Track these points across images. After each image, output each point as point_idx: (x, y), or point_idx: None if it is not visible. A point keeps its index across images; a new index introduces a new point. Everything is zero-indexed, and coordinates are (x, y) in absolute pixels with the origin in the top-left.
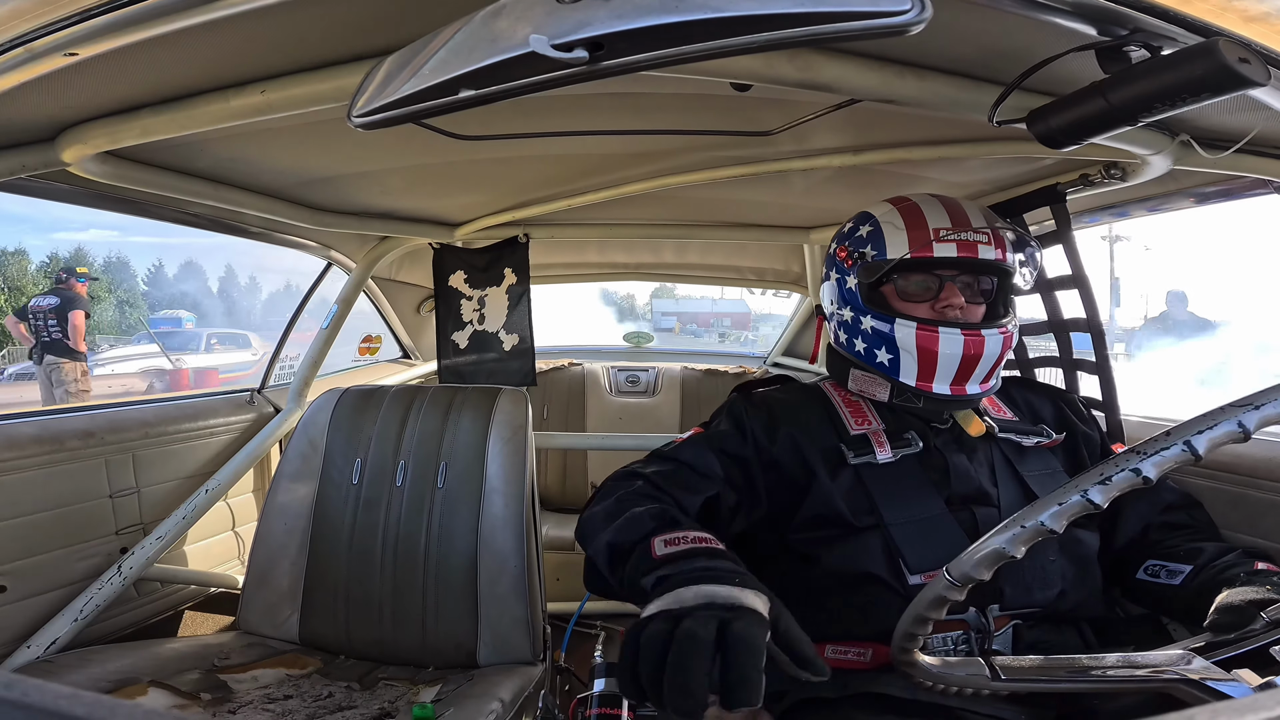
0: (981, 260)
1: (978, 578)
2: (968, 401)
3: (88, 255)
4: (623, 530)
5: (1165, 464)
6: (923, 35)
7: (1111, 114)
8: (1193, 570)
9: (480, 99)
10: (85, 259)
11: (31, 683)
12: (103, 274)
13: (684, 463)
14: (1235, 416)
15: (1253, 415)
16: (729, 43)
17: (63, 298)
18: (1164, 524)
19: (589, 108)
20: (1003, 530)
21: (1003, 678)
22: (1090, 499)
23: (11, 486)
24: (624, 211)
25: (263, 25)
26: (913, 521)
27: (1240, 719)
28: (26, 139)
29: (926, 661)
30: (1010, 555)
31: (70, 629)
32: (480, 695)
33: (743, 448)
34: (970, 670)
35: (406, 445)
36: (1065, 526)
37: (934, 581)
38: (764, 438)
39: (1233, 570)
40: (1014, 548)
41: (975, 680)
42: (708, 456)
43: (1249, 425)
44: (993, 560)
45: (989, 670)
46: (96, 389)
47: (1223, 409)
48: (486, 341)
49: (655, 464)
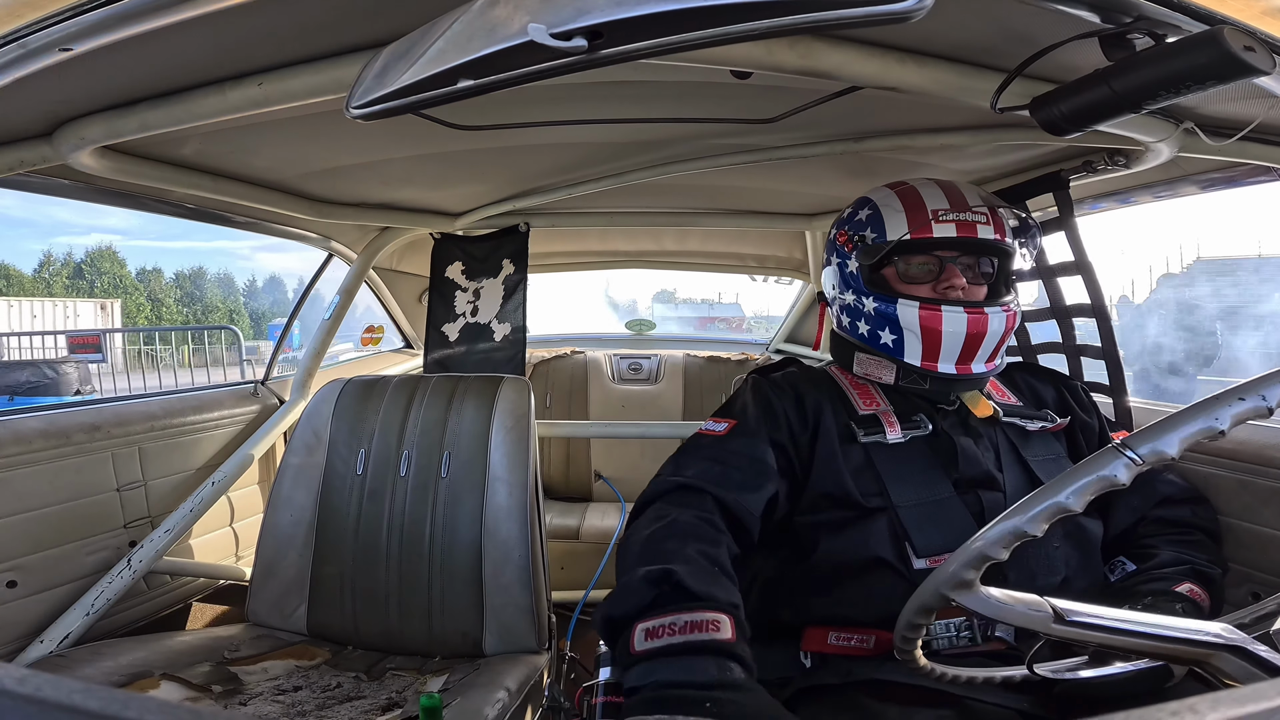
0: (980, 240)
1: (995, 558)
2: (974, 381)
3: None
4: (617, 602)
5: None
6: (924, 22)
7: (1116, 101)
8: (1135, 572)
9: (479, 89)
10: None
11: (45, 678)
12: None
13: (734, 457)
14: (1259, 391)
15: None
16: (729, 30)
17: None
18: (1159, 519)
19: (589, 96)
20: (1027, 505)
21: (1066, 620)
22: (1067, 505)
23: (19, 481)
24: (625, 200)
25: (259, 18)
26: (921, 504)
27: (1245, 708)
28: (23, 135)
29: (992, 594)
30: (995, 559)
31: (82, 623)
32: (487, 684)
33: (779, 432)
34: (1031, 606)
35: (410, 435)
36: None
37: (955, 555)
38: (796, 420)
39: (1153, 585)
40: (1034, 527)
41: (1035, 618)
42: (760, 447)
43: (1271, 401)
44: (1012, 539)
45: (1051, 610)
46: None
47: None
48: (477, 333)
49: (698, 463)
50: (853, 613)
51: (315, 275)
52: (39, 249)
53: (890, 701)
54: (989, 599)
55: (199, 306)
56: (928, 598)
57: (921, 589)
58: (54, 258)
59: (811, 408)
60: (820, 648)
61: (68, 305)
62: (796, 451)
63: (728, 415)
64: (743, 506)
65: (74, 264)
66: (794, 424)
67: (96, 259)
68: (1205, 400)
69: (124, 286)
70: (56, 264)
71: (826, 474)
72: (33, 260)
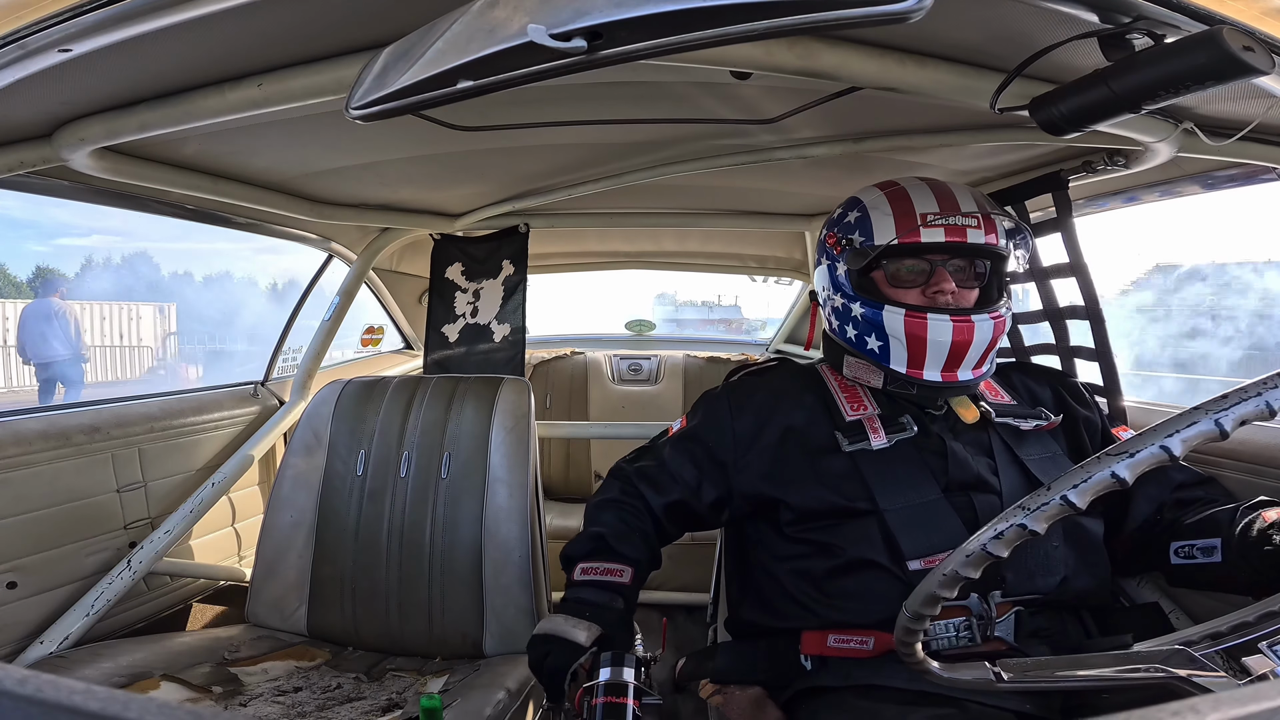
0: (970, 244)
1: (997, 555)
2: (961, 388)
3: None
4: (575, 544)
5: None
6: (923, 22)
7: (1115, 101)
8: (1223, 541)
9: (479, 90)
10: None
11: (45, 678)
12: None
13: (663, 462)
14: (1262, 394)
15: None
16: (728, 31)
17: None
18: (1177, 501)
19: (588, 97)
20: (1027, 504)
21: (1005, 679)
22: (1118, 475)
23: (20, 482)
24: (624, 201)
25: (258, 19)
26: (908, 507)
27: (1246, 708)
28: (23, 135)
29: (934, 666)
30: (1034, 531)
31: (82, 624)
32: (487, 685)
33: (721, 449)
34: (976, 674)
35: (410, 436)
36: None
37: (949, 558)
38: (747, 434)
39: (1261, 527)
40: (1037, 524)
41: (981, 684)
42: (682, 460)
43: (1275, 404)
44: (1014, 538)
45: (993, 674)
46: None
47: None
48: (477, 333)
49: (644, 458)
50: (850, 615)
51: (315, 276)
52: (42, 250)
53: (890, 702)
54: (939, 674)
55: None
56: (933, 588)
57: (925, 581)
58: (93, 260)
59: (775, 416)
60: (820, 650)
61: (131, 309)
62: (740, 466)
63: (689, 416)
64: (646, 502)
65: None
66: (741, 436)
67: (134, 262)
68: (1208, 401)
69: (158, 290)
70: (98, 265)
71: (810, 492)
72: (32, 263)
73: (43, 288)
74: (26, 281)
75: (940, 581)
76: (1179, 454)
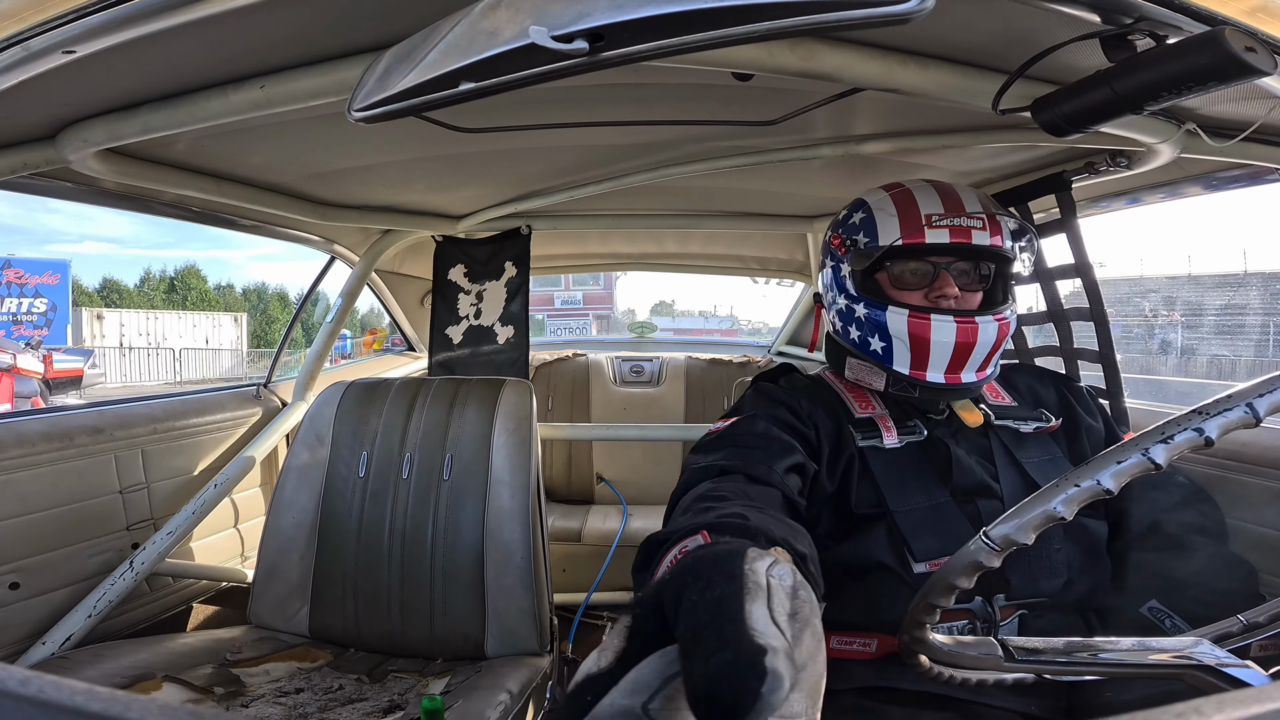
0: (975, 246)
1: (1021, 541)
2: (964, 390)
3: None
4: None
5: (1229, 425)
6: (925, 23)
7: (1117, 102)
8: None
9: (481, 91)
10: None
11: (48, 679)
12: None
13: (748, 437)
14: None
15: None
16: (730, 32)
17: None
18: (1173, 521)
19: (590, 99)
20: (1053, 490)
21: (1016, 658)
22: (1151, 458)
23: (22, 483)
24: (626, 202)
25: (261, 20)
26: (919, 509)
27: (1249, 709)
28: (27, 137)
29: (939, 640)
30: (1061, 517)
31: (84, 625)
32: (489, 687)
33: (790, 418)
34: (983, 650)
35: (412, 438)
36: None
37: (968, 546)
38: (803, 415)
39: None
40: (1068, 509)
41: (988, 660)
42: (769, 427)
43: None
44: (1041, 522)
45: (1002, 650)
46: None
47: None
48: (481, 335)
49: (717, 452)
50: (854, 617)
51: (318, 278)
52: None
53: (893, 704)
54: (941, 645)
55: (262, 319)
56: (941, 583)
57: (934, 578)
58: (151, 274)
59: (807, 411)
60: None
61: (216, 318)
62: (807, 437)
63: (735, 411)
64: (772, 474)
65: (168, 280)
66: (801, 416)
67: (185, 276)
68: (1192, 410)
69: (208, 300)
70: (154, 280)
71: (823, 481)
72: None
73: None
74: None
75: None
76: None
